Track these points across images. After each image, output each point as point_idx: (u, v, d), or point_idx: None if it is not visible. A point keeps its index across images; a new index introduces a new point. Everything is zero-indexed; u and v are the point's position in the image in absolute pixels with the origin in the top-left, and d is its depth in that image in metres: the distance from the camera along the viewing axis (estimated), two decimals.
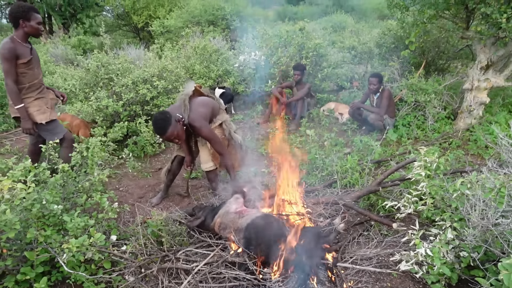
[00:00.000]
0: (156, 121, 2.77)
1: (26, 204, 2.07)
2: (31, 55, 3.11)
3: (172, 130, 2.78)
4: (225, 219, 2.49)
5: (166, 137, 2.82)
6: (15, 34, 3.05)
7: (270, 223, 2.33)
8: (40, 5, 14.76)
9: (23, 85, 3.09)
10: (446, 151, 4.23)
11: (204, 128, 2.93)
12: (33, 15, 3.04)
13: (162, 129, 2.76)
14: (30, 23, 3.03)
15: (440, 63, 6.52)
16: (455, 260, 2.10)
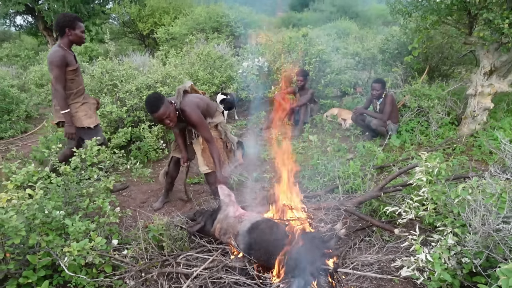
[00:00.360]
0: (150, 98, 2.75)
1: (29, 215, 2.09)
2: (77, 63, 3.30)
3: (164, 109, 2.75)
4: (225, 224, 2.49)
5: (158, 115, 2.76)
6: (61, 42, 3.21)
7: (270, 227, 2.33)
8: (47, 13, 15.00)
9: (71, 91, 3.25)
10: (449, 156, 4.21)
11: (194, 114, 2.90)
12: (77, 24, 3.22)
13: (155, 106, 2.73)
14: (75, 32, 3.20)
15: (444, 68, 6.51)
16: (457, 267, 2.08)
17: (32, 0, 15.18)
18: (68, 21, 3.18)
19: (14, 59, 13.19)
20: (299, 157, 4.66)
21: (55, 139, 4.00)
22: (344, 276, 2.29)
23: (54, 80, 3.14)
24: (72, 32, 3.19)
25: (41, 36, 17.55)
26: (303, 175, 4.01)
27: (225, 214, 2.57)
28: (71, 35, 3.20)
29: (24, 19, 17.33)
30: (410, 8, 5.08)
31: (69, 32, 3.19)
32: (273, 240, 2.26)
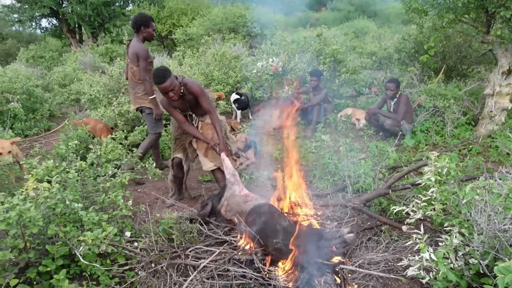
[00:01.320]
0: (158, 70, 2.88)
1: (50, 204, 2.22)
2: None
3: (170, 82, 2.87)
4: (231, 202, 2.66)
5: (165, 86, 2.87)
6: (137, 38, 3.72)
7: (272, 212, 2.44)
8: (71, 16, 15.54)
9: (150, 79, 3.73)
10: (465, 157, 4.14)
11: (195, 85, 3.03)
12: (151, 24, 3.73)
13: (162, 77, 2.85)
14: (148, 29, 3.72)
15: (462, 68, 6.37)
16: (465, 267, 2.07)
17: (57, 3, 15.75)
18: (144, 20, 3.70)
19: (39, 60, 13.71)
20: (311, 156, 4.68)
21: (75, 136, 4.17)
22: (350, 274, 2.30)
23: (143, 72, 3.66)
24: (146, 30, 3.70)
25: (65, 38, 18.21)
26: (314, 174, 4.03)
27: (231, 192, 2.73)
28: (145, 32, 3.71)
29: (49, 22, 18.02)
30: (426, 7, 5.01)
31: (144, 30, 3.69)
32: (272, 224, 2.35)
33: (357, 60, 8.86)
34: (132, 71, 3.80)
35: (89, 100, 5.67)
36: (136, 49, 3.67)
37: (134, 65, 3.74)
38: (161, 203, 3.59)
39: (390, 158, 4.05)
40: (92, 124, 4.72)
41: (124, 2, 17.69)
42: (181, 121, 3.17)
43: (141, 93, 3.84)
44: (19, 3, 16.21)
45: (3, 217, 1.85)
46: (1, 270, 2.08)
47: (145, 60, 3.64)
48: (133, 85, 3.86)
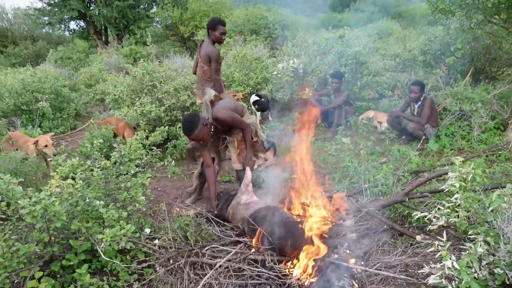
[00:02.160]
0: (185, 122, 2.96)
1: (72, 201, 2.29)
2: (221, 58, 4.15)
3: (198, 132, 2.94)
4: (236, 210, 2.78)
5: (193, 138, 2.99)
6: (208, 40, 4.05)
7: (271, 214, 2.50)
8: (97, 18, 16.05)
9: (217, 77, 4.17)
10: (493, 163, 3.98)
11: (225, 115, 3.06)
12: (218, 27, 3.98)
13: (189, 130, 2.94)
14: (215, 33, 3.99)
15: (492, 70, 6.13)
16: (489, 277, 1.99)
17: (84, 6, 16.31)
18: (211, 24, 4.00)
19: (67, 61, 14.23)
20: (331, 159, 4.63)
21: (99, 135, 4.30)
22: (368, 278, 2.26)
23: (213, 72, 4.07)
24: (213, 33, 3.99)
25: (91, 40, 18.83)
26: (333, 177, 3.99)
27: (237, 201, 2.84)
28: (212, 35, 4.00)
29: (77, 24, 18.68)
30: (453, 7, 4.86)
31: (211, 33, 3.99)
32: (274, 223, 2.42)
33: (380, 62, 8.69)
34: (202, 70, 4.18)
35: (113, 100, 5.82)
36: (209, 51, 4.02)
37: (206, 65, 4.12)
38: (180, 202, 3.64)
39: (413, 162, 3.95)
40: (113, 123, 4.85)
41: (148, 4, 18.10)
42: (207, 164, 3.31)
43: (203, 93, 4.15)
44: (49, 6, 16.91)
45: (29, 210, 1.93)
46: (27, 263, 2.16)
47: (216, 62, 4.02)
48: (203, 82, 4.25)
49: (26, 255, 2.09)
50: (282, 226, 2.41)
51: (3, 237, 2.05)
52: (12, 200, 2.15)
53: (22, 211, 1.96)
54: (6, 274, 2.04)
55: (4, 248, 2.01)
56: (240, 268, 2.30)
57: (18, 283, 2.35)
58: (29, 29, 19.60)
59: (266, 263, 2.33)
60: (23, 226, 2.37)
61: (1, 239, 2.04)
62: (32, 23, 18.39)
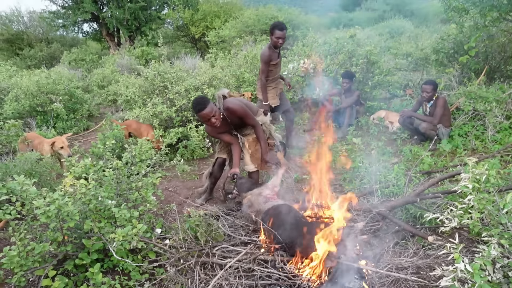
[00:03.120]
0: (197, 99, 2.94)
1: (85, 200, 2.34)
2: (278, 58, 4.38)
3: (210, 108, 2.92)
4: (254, 199, 2.80)
5: (205, 113, 2.92)
6: (269, 44, 4.29)
7: (288, 212, 2.51)
8: (110, 20, 16.29)
9: (269, 78, 4.42)
10: (508, 164, 3.89)
11: (237, 106, 3.08)
12: (274, 31, 4.16)
13: (202, 105, 2.90)
14: (272, 37, 4.20)
15: (507, 69, 5.99)
16: (504, 281, 1.95)
17: (97, 8, 16.58)
18: (270, 28, 4.24)
19: (80, 63, 14.48)
20: (342, 159, 4.59)
21: (111, 136, 4.36)
22: (378, 279, 2.24)
23: (260, 72, 4.40)
24: (271, 37, 4.21)
25: (104, 41, 19.13)
26: (344, 177, 3.96)
27: (260, 191, 2.87)
28: (270, 39, 4.23)
29: (90, 26, 18.99)
30: (467, 5, 4.78)
31: (270, 37, 4.22)
32: (288, 222, 2.45)
33: (392, 61, 8.58)
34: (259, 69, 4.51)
35: (125, 101, 5.90)
36: (261, 53, 4.33)
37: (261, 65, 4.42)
38: (190, 202, 3.67)
39: (425, 163, 3.89)
40: (134, 126, 4.88)
41: (159, 6, 18.29)
42: (232, 142, 3.33)
43: (258, 87, 4.60)
44: (63, 9, 17.24)
45: (44, 210, 1.97)
46: (42, 261, 2.21)
47: (263, 63, 4.28)
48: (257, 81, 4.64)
49: (40, 254, 2.14)
50: (294, 225, 2.41)
51: (19, 236, 2.10)
52: (27, 200, 2.20)
53: (37, 211, 2.01)
54: (21, 273, 2.09)
55: (20, 247, 2.07)
56: (250, 268, 2.31)
57: (33, 281, 2.41)
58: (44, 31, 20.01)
59: (276, 263, 2.34)
60: (38, 226, 2.43)
61: (17, 238, 2.09)
62: (47, 26, 18.77)
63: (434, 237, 2.34)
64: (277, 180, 3.07)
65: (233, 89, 6.27)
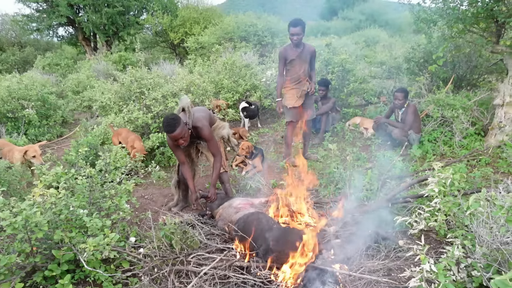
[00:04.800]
0: (168, 119, 2.94)
1: (56, 210, 2.28)
2: (296, 57, 4.20)
3: (180, 130, 2.94)
4: (225, 212, 2.85)
5: (174, 135, 2.95)
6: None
7: (259, 219, 2.55)
8: (86, 25, 15.98)
9: (287, 77, 4.33)
10: (473, 168, 4.08)
11: (206, 129, 3.16)
12: (289, 29, 4.10)
13: (172, 127, 2.92)
14: (289, 33, 4.12)
15: (473, 78, 6.30)
16: (468, 280, 2.04)
17: (73, 12, 16.22)
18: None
19: (55, 68, 14.09)
20: (318, 165, 4.68)
21: (85, 143, 4.27)
22: (351, 282, 2.30)
23: (279, 71, 4.35)
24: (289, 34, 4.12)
25: (80, 46, 18.70)
26: (320, 183, 4.03)
27: (229, 203, 2.92)
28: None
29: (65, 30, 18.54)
30: (434, 17, 5.00)
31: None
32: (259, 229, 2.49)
33: (367, 69, 8.84)
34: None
35: (101, 107, 5.80)
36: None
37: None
38: (165, 210, 3.63)
39: (397, 168, 4.02)
40: (124, 134, 4.74)
41: (138, 11, 18.10)
42: (181, 162, 3.30)
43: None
44: (37, 13, 16.76)
45: (10, 221, 1.91)
46: (8, 274, 2.14)
47: (279, 61, 4.29)
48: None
49: (7, 266, 2.07)
50: (266, 232, 2.44)
51: None
52: None
53: (3, 223, 1.94)
54: None
55: None
56: (226, 275, 2.31)
57: None
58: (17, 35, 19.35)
59: (251, 269, 2.35)
60: (5, 237, 2.35)
61: None
62: (20, 30, 18.16)
63: (405, 241, 2.42)
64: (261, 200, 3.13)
65: (211, 96, 6.27)
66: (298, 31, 4.05)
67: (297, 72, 4.26)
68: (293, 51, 4.19)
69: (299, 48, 4.18)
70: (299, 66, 4.24)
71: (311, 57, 4.31)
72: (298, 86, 4.33)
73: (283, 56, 4.22)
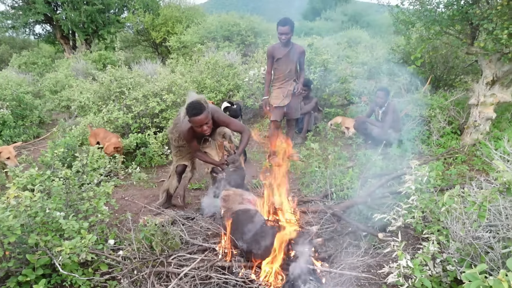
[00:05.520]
0: (194, 103, 2.86)
1: (31, 212, 2.21)
2: (284, 56, 4.17)
3: (206, 114, 2.88)
4: (232, 196, 2.79)
5: (200, 119, 2.86)
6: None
7: (251, 216, 2.54)
8: (65, 23, 15.57)
9: (274, 76, 4.35)
10: (450, 166, 4.20)
11: (222, 115, 3.19)
12: (277, 28, 4.10)
13: (199, 110, 2.83)
14: (277, 32, 4.12)
15: (450, 78, 6.49)
16: (443, 274, 2.10)
17: (51, 10, 15.77)
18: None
19: (32, 67, 13.67)
20: (301, 164, 4.72)
21: (62, 144, 4.16)
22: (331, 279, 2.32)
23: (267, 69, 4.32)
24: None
25: (58, 44, 18.20)
26: (302, 182, 4.07)
27: (241, 193, 2.86)
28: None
29: (43, 28, 18.01)
30: (413, 19, 5.12)
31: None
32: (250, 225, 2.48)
33: (348, 69, 8.96)
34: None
35: (79, 107, 5.66)
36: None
37: None
38: (147, 211, 3.58)
39: (377, 166, 4.09)
40: (102, 134, 4.63)
41: (119, 9, 17.75)
42: (195, 149, 3.28)
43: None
44: (13, 10, 16.21)
45: None
46: None
47: (267, 59, 4.30)
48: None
49: None
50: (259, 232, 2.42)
51: None
52: None
53: None
54: None
55: None
56: (208, 275, 2.29)
57: None
58: None
59: (233, 269, 2.34)
60: None
61: None
62: None
63: (384, 234, 2.47)
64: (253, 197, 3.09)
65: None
66: (286, 30, 4.06)
67: (283, 71, 4.26)
68: (281, 50, 4.19)
69: (287, 48, 4.18)
70: (286, 65, 4.24)
71: (300, 57, 4.31)
72: (284, 86, 4.32)
73: (270, 54, 4.23)
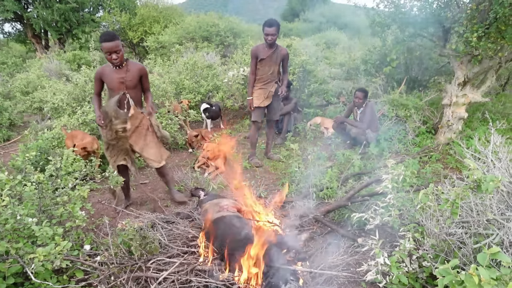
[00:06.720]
0: (109, 31, 2.97)
1: (0, 219, 2.11)
2: (267, 56, 4.18)
3: (118, 43, 2.94)
4: (210, 209, 2.79)
5: (114, 44, 2.92)
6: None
7: (232, 223, 2.55)
8: (36, 21, 15.00)
9: (257, 76, 4.31)
10: (425, 164, 4.33)
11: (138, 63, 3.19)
12: (263, 28, 4.09)
13: (112, 36, 2.91)
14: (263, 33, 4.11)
15: (424, 79, 6.70)
16: (419, 270, 2.16)
17: (21, 8, 15.16)
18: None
19: (1, 67, 13.09)
20: (281, 165, 4.74)
21: (35, 147, 4.00)
22: (312, 279, 2.34)
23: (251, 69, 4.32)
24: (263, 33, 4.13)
25: (29, 44, 17.51)
26: (282, 182, 4.08)
27: (218, 201, 2.87)
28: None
29: (13, 27, 17.28)
30: (388, 21, 5.25)
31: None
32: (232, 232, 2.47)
33: (327, 70, 9.10)
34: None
35: (52, 109, 5.47)
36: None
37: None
38: (125, 215, 3.50)
39: (355, 165, 4.17)
40: (80, 136, 4.45)
41: (93, 8, 17.27)
42: (95, 92, 3.22)
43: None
44: None
45: None
46: None
47: (251, 59, 4.27)
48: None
49: None
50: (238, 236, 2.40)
51: None
52: None
53: None
54: None
55: None
56: (188, 279, 2.26)
57: None
58: None
59: (214, 272, 2.32)
60: None
61: None
62: None
63: (363, 239, 2.51)
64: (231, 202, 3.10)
65: (172, 97, 6.14)
66: (273, 31, 4.06)
67: (266, 72, 4.27)
68: (265, 51, 4.20)
69: (271, 49, 4.20)
70: (269, 66, 4.26)
71: (283, 59, 4.33)
72: (266, 87, 4.35)
73: (254, 54, 4.23)
